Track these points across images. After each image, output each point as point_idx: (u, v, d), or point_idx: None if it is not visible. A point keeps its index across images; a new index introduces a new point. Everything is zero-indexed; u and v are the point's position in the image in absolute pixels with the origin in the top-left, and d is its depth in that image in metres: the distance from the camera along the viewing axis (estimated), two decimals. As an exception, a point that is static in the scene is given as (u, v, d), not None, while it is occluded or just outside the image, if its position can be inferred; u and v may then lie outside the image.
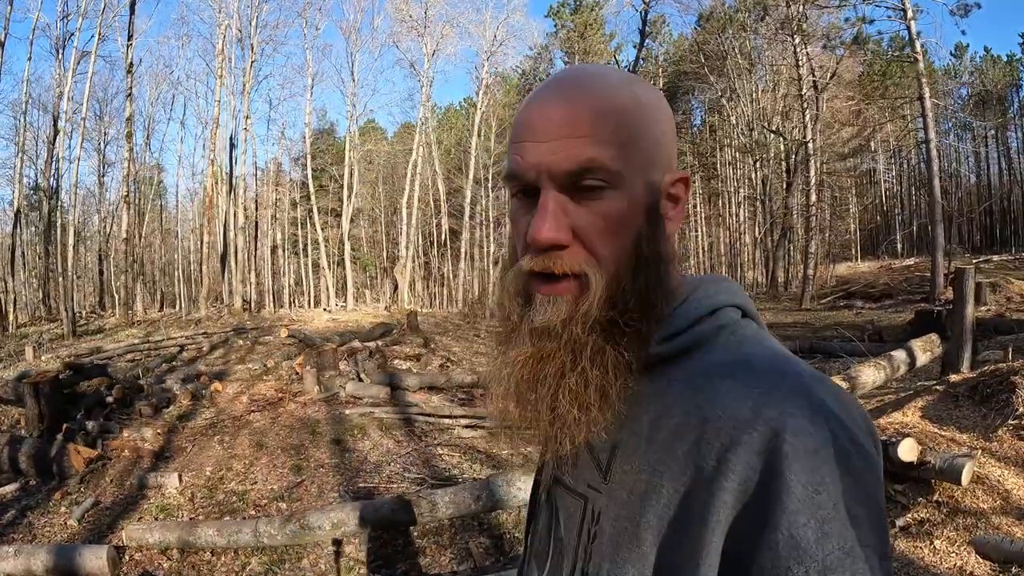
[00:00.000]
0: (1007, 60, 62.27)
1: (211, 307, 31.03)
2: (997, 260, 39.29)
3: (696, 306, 0.92)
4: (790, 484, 0.70)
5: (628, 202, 0.88)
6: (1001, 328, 13.16)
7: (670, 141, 0.94)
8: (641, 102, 0.91)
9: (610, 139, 0.86)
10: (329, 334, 18.78)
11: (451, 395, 10.98)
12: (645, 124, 0.90)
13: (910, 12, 24.18)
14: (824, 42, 30.57)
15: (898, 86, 40.06)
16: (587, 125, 0.86)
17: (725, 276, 1.00)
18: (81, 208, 50.07)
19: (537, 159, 0.88)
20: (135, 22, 30.47)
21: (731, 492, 0.74)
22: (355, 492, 6.83)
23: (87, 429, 8.63)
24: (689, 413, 0.81)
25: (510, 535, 5.71)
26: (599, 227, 0.88)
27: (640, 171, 0.89)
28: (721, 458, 0.75)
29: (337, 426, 9.06)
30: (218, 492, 6.96)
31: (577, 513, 0.93)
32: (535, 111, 0.90)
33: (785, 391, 0.76)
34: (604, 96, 0.88)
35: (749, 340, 0.89)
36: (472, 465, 7.59)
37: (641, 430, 0.86)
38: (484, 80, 44.57)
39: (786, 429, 0.72)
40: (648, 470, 0.83)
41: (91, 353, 16.66)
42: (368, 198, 56.47)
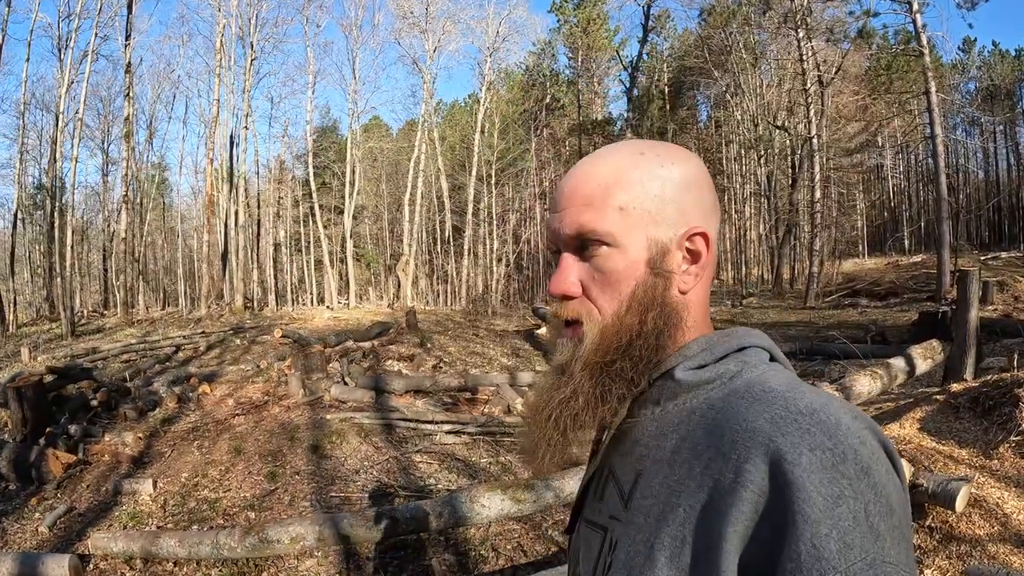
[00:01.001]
0: (1016, 55, 62.04)
1: (212, 306, 31.05)
2: (1006, 257, 39.13)
3: (724, 344, 0.97)
4: (811, 495, 0.71)
5: (625, 258, 0.98)
6: (1008, 330, 12.94)
7: (687, 201, 1.01)
8: (654, 168, 1.00)
9: (604, 206, 0.98)
10: (326, 333, 18.75)
11: (437, 399, 10.95)
12: (645, 186, 0.99)
13: (916, 5, 24.00)
14: (828, 36, 30.38)
15: (903, 80, 39.85)
16: (583, 195, 0.99)
17: (754, 329, 1.03)
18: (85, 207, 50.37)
19: (554, 227, 1.03)
20: (133, 22, 30.49)
21: (749, 503, 0.75)
22: (327, 502, 6.82)
23: (69, 433, 8.66)
24: (707, 433, 0.85)
25: (476, 552, 5.66)
26: (598, 280, 0.99)
27: (641, 230, 0.98)
28: (738, 470, 0.77)
29: (317, 431, 9.03)
30: (190, 500, 6.95)
31: (596, 545, 0.98)
32: (558, 185, 1.04)
33: (803, 407, 0.79)
34: (605, 166, 1.01)
35: (771, 371, 0.93)
36: (448, 475, 7.55)
37: (663, 456, 0.90)
38: (487, 76, 44.53)
39: (804, 443, 0.75)
40: (666, 492, 0.86)
41: (87, 353, 16.69)
42: (372, 195, 56.54)
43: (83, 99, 30.80)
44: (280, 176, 51.81)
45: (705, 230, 1.00)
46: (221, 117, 34.83)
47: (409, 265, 38.83)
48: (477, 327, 22.47)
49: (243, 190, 37.49)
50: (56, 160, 29.29)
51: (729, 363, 0.94)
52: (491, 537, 5.79)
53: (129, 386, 11.40)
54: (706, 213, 1.02)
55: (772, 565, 0.72)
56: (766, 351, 0.98)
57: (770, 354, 0.99)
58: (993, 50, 63.96)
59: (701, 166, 1.04)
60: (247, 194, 39.87)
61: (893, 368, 7.62)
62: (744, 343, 0.97)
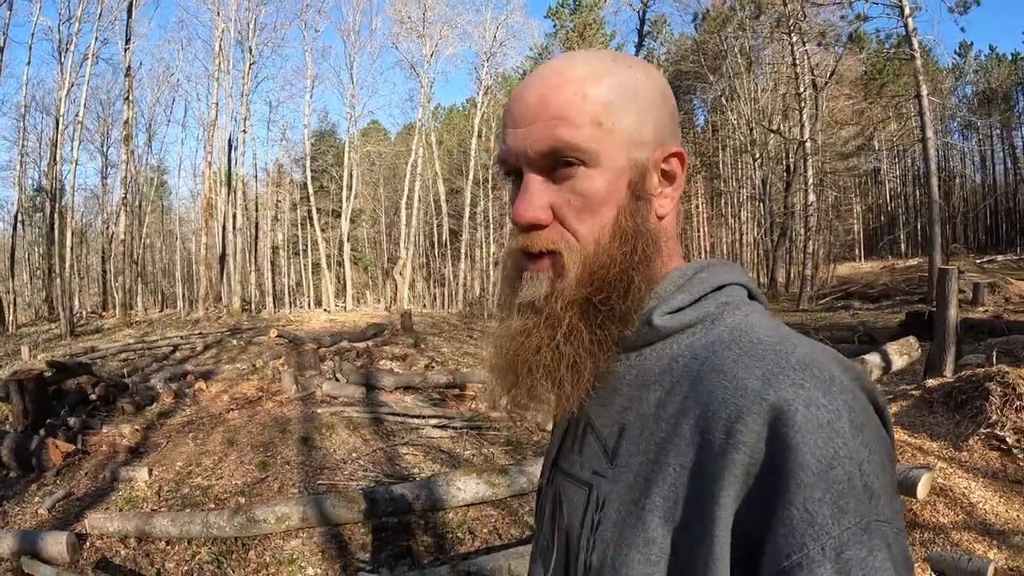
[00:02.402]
0: (1012, 59, 62.30)
1: (210, 308, 31.27)
2: (1001, 260, 39.41)
3: (701, 283, 0.92)
4: (804, 457, 0.69)
5: (605, 180, 0.91)
6: (995, 330, 13.26)
7: (662, 117, 0.95)
8: (625, 80, 0.93)
9: (582, 119, 0.89)
10: (322, 334, 19.02)
11: (425, 395, 11.21)
12: (627, 102, 0.92)
13: (907, 9, 24.25)
14: (820, 40, 30.61)
15: (896, 84, 40.13)
16: (557, 108, 0.90)
17: (730, 261, 1.01)
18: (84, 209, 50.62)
19: (515, 144, 0.93)
20: (133, 26, 30.77)
21: (741, 465, 0.73)
22: (315, 489, 7.07)
23: (68, 425, 8.93)
24: (694, 387, 0.82)
25: (453, 535, 5.89)
26: (575, 205, 0.91)
27: (621, 148, 0.91)
28: (729, 431, 0.74)
29: (307, 424, 9.30)
30: (184, 486, 7.22)
31: (581, 502, 0.93)
32: (515, 99, 0.94)
33: (795, 362, 0.76)
34: (578, 77, 0.91)
35: (754, 315, 0.90)
36: (432, 465, 7.79)
37: (648, 410, 0.86)
38: (484, 81, 44.81)
39: (798, 400, 0.72)
40: (655, 450, 0.82)
41: (86, 352, 16.95)
42: (369, 199, 56.76)
43: (83, 102, 31.07)
44: (278, 179, 52.09)
45: (680, 149, 0.96)
46: (220, 121, 35.17)
47: (406, 268, 39.06)
48: (472, 329, 22.72)
49: (241, 193, 37.68)
50: (56, 163, 29.56)
51: (709, 304, 0.91)
52: (468, 521, 6.05)
53: (127, 382, 11.66)
54: (676, 131, 0.98)
55: (764, 529, 0.71)
56: (744, 287, 0.95)
57: (748, 290, 0.96)
58: (990, 54, 64.29)
59: (665, 82, 0.99)
60: (245, 197, 40.09)
61: (868, 363, 7.79)
62: (722, 280, 0.94)
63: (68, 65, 29.76)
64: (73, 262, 30.60)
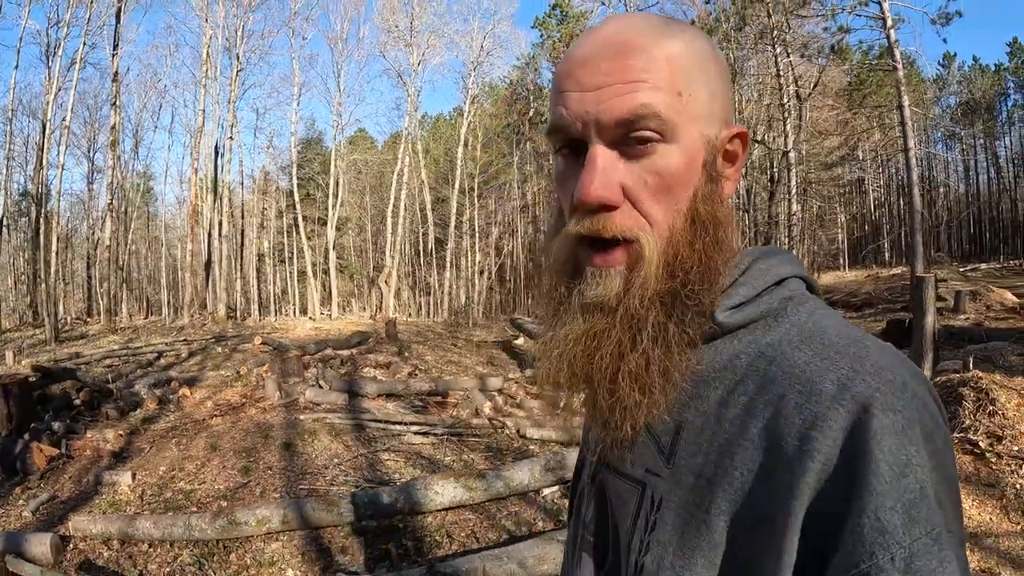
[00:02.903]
0: (995, 69, 62.92)
1: (195, 315, 31.25)
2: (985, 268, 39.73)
3: (761, 276, 0.88)
4: (878, 465, 0.67)
5: (684, 158, 0.83)
6: (975, 337, 13.38)
7: (726, 94, 0.89)
8: (696, 49, 0.85)
9: (664, 86, 0.81)
10: (307, 342, 19.06)
11: (408, 403, 11.30)
12: (701, 73, 0.85)
13: (889, 21, 24.47)
14: (803, 51, 30.83)
15: (879, 95, 40.47)
16: (638, 70, 0.81)
17: (784, 248, 0.94)
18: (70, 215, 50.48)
19: (583, 108, 0.82)
20: (121, 31, 30.82)
21: (814, 472, 0.70)
22: (296, 494, 7.15)
23: (53, 429, 8.98)
24: (762, 388, 0.79)
25: (431, 538, 5.99)
26: (652, 185, 0.83)
27: (696, 124, 0.84)
28: (804, 437, 0.72)
29: (290, 430, 9.38)
30: (167, 490, 7.31)
31: (632, 501, 0.88)
32: (580, 58, 0.84)
33: (869, 366, 0.73)
34: (656, 40, 0.83)
35: (819, 312, 0.85)
36: (413, 471, 7.88)
37: (709, 408, 0.82)
38: (471, 90, 44.98)
39: (874, 406, 0.70)
40: (718, 451, 0.79)
41: (70, 358, 16.94)
42: (355, 207, 56.78)
43: (70, 107, 31.04)
44: (264, 187, 52.05)
45: (744, 129, 0.90)
46: (206, 127, 35.28)
47: (392, 277, 39.09)
48: (456, 338, 22.75)
49: (227, 200, 37.65)
50: (42, 167, 29.54)
51: (771, 299, 0.86)
52: (446, 524, 6.17)
53: (111, 387, 11.70)
54: (730, 108, 0.91)
55: (833, 537, 0.69)
56: (803, 280, 0.91)
57: (806, 283, 0.91)
58: (973, 65, 64.87)
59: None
60: (231, 204, 40.05)
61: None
62: (782, 273, 0.89)
63: (56, 69, 29.75)
64: (58, 267, 30.51)
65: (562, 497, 6.87)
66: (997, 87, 62.38)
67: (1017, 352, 8.82)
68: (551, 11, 49.92)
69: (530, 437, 9.07)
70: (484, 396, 11.25)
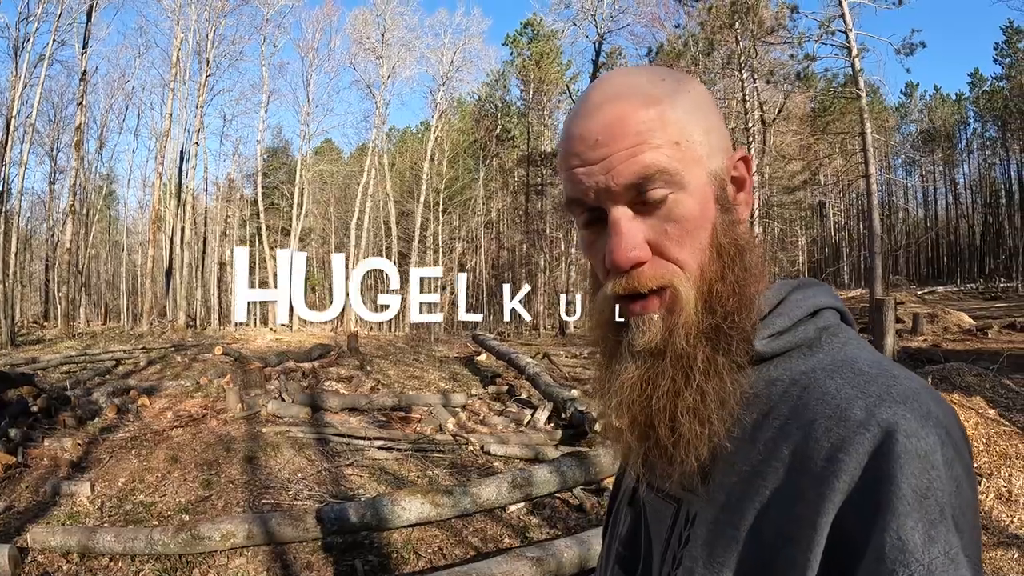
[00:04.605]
0: (956, 99, 64.25)
1: (154, 322, 30.90)
2: (942, 291, 40.51)
3: (796, 307, 0.91)
4: (901, 487, 0.70)
5: (696, 200, 0.87)
6: (933, 358, 13.68)
7: (720, 124, 0.93)
8: (684, 94, 0.89)
9: (662, 142, 0.85)
10: (268, 353, 18.95)
11: (371, 417, 11.26)
12: (692, 115, 0.88)
13: (854, 50, 24.95)
14: (769, 77, 31.23)
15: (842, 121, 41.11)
16: (636, 133, 0.85)
17: (819, 280, 0.99)
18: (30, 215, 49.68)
19: (593, 181, 0.87)
20: (92, 29, 30.56)
21: (840, 493, 0.73)
22: (259, 508, 7.09)
23: (9, 436, 8.80)
24: (795, 413, 0.81)
25: (398, 554, 5.96)
26: (674, 234, 0.87)
27: (700, 165, 0.88)
28: (831, 458, 0.74)
29: (252, 443, 9.30)
30: (127, 503, 7.20)
31: (668, 517, 0.92)
32: (578, 135, 0.88)
33: (896, 395, 0.76)
34: (645, 100, 0.87)
35: (852, 343, 0.89)
36: (377, 486, 7.85)
37: (744, 432, 0.85)
38: (440, 105, 45.06)
39: (899, 431, 0.72)
40: (750, 472, 0.82)
41: (27, 363, 16.72)
42: (319, 218, 56.53)
43: (36, 104, 30.69)
44: (228, 194, 51.60)
45: (745, 152, 0.94)
46: (173, 131, 35.01)
47: (354, 289, 38.87)
48: (419, 353, 22.74)
49: (191, 207, 37.37)
50: (4, 164, 29.11)
51: (808, 329, 0.89)
52: (413, 541, 6.13)
53: (69, 395, 11.52)
54: (727, 136, 0.94)
55: (856, 554, 0.71)
56: (838, 311, 0.94)
57: (841, 314, 0.94)
58: (935, 94, 66.20)
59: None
60: (194, 211, 39.76)
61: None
62: (818, 304, 0.92)
63: (24, 65, 29.39)
64: (16, 269, 30.07)
65: (527, 514, 6.89)
66: (957, 116, 63.79)
67: (974, 372, 9.03)
68: (522, 29, 50.31)
69: (494, 454, 9.07)
70: (448, 412, 11.25)
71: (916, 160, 63.62)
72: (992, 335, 19.36)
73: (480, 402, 12.59)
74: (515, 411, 11.87)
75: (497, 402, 12.99)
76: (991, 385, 9.49)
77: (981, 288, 45.29)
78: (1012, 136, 57.15)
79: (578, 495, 7.17)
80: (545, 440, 9.83)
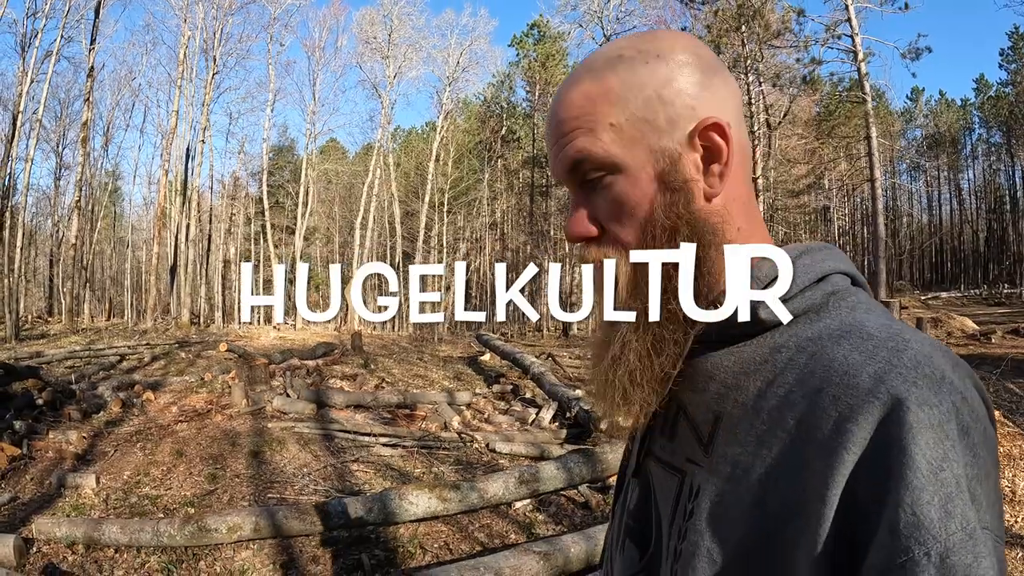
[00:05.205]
0: (961, 104, 64.15)
1: (158, 319, 30.92)
2: (945, 296, 40.55)
3: (803, 272, 0.87)
4: (914, 458, 0.67)
5: (632, 180, 0.87)
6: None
7: (683, 91, 0.88)
8: (638, 64, 0.88)
9: (595, 126, 0.87)
10: (271, 351, 18.91)
11: (376, 414, 11.23)
12: (632, 90, 0.87)
13: (861, 54, 24.96)
14: (775, 81, 31.20)
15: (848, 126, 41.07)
16: (569, 122, 0.89)
17: (831, 244, 0.96)
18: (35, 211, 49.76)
19: (552, 166, 0.94)
20: (100, 26, 30.61)
21: (849, 465, 0.70)
22: (265, 503, 7.06)
23: (14, 428, 8.82)
24: (800, 381, 0.78)
25: (404, 549, 5.93)
26: (614, 212, 0.89)
27: (641, 143, 0.87)
28: (839, 429, 0.71)
29: (258, 439, 9.30)
30: (132, 495, 7.19)
31: (672, 489, 0.91)
32: (547, 118, 0.95)
33: (907, 360, 0.73)
34: (579, 85, 0.90)
35: (861, 306, 0.85)
36: (383, 482, 7.81)
37: (747, 400, 0.83)
38: (445, 105, 45.07)
39: (910, 400, 0.69)
40: (755, 442, 0.80)
41: (31, 357, 16.71)
42: (324, 217, 56.59)
43: (43, 100, 30.68)
44: (234, 192, 51.66)
45: (717, 119, 0.87)
46: (179, 129, 35.06)
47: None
48: (422, 352, 22.71)
49: (196, 204, 37.45)
50: (10, 159, 29.13)
51: (815, 294, 0.86)
52: (419, 536, 6.10)
53: (74, 388, 11.52)
54: (718, 97, 0.90)
55: (868, 530, 0.69)
56: (848, 275, 0.91)
57: (851, 278, 0.91)
58: (940, 99, 66.10)
59: (696, 45, 0.92)
60: (199, 208, 39.86)
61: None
62: (826, 269, 0.89)
63: (31, 61, 29.40)
64: (21, 264, 30.10)
65: (533, 511, 6.86)
66: (963, 121, 63.69)
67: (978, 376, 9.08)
68: (529, 31, 50.28)
69: (500, 451, 9.03)
70: (453, 410, 11.22)
71: (920, 165, 63.60)
72: (996, 340, 19.26)
73: (485, 401, 12.56)
74: (520, 410, 11.83)
75: (502, 401, 12.94)
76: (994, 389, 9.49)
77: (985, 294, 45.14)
78: (1017, 142, 56.97)
79: (584, 492, 7.14)
80: (550, 438, 9.80)
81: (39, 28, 29.57)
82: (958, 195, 66.96)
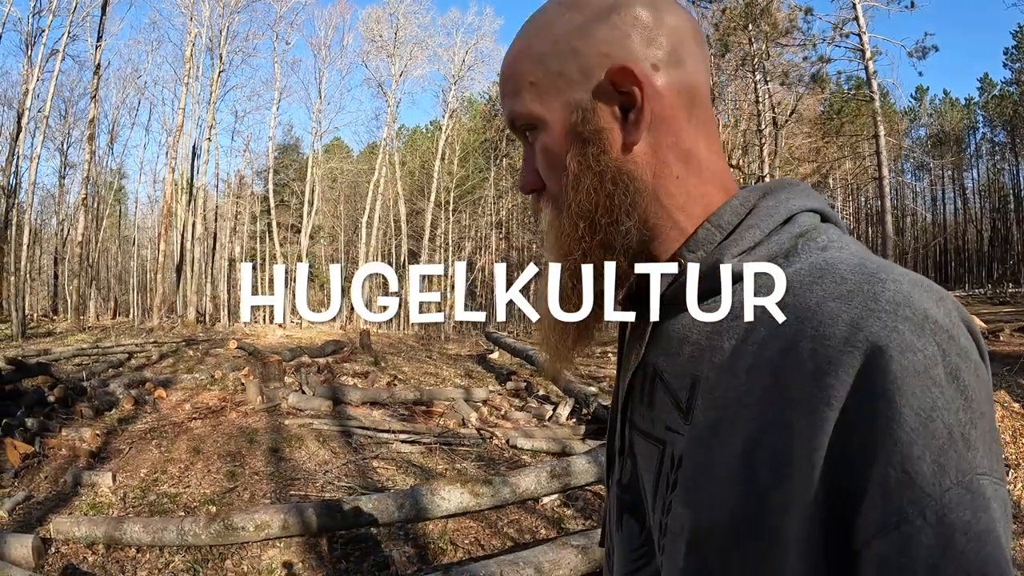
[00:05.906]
0: (965, 103, 64.12)
1: (165, 318, 30.83)
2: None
3: (767, 215, 0.84)
4: (901, 411, 0.62)
5: (551, 133, 0.88)
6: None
7: (594, 38, 0.85)
8: (546, 26, 0.89)
9: (520, 86, 0.89)
10: (280, 349, 18.82)
11: (393, 411, 11.12)
12: (546, 48, 0.87)
13: (868, 53, 24.92)
14: (783, 80, 31.15)
15: (854, 124, 41.02)
16: (504, 84, 0.93)
17: (794, 180, 0.91)
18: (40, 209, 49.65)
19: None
20: (106, 24, 30.53)
21: (830, 421, 0.65)
22: (287, 499, 6.95)
23: (26, 426, 8.68)
24: (774, 335, 0.73)
25: (435, 545, 5.83)
26: (545, 164, 0.91)
27: (557, 97, 0.87)
28: (818, 384, 0.66)
29: (275, 436, 9.18)
30: (150, 493, 7.06)
31: (654, 460, 0.86)
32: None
33: (885, 303, 0.68)
34: (514, 45, 0.92)
35: (834, 245, 0.81)
36: (406, 478, 7.72)
37: (723, 360, 0.78)
38: (451, 104, 45.00)
39: (891, 347, 0.64)
40: (733, 404, 0.74)
41: (39, 355, 16.56)
42: (329, 215, 56.55)
43: (49, 98, 30.63)
44: (239, 191, 51.60)
45: (626, 63, 0.83)
46: (185, 127, 34.91)
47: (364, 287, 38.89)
48: (430, 350, 22.65)
49: (202, 202, 37.37)
50: (15, 157, 29.04)
51: (782, 238, 0.82)
52: (449, 532, 5.99)
53: (85, 385, 11.40)
54: (646, 38, 0.85)
55: (858, 491, 0.64)
56: (816, 212, 0.87)
57: (821, 214, 0.87)
58: (944, 98, 66.05)
59: None
60: (205, 207, 39.74)
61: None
62: (793, 208, 0.85)
63: (37, 59, 29.33)
64: (27, 262, 30.03)
65: (561, 506, 6.76)
66: (967, 120, 63.60)
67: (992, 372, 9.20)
68: (533, 29, 50.14)
69: (520, 447, 8.96)
70: (470, 406, 11.13)
71: (925, 164, 63.55)
72: (1004, 337, 19.24)
73: (500, 397, 12.48)
74: (536, 406, 11.76)
75: (516, 398, 12.87)
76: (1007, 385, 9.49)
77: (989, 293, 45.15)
78: (1021, 141, 56.95)
79: (612, 487, 7.02)
80: (570, 434, 9.73)
81: (45, 26, 29.54)
82: (962, 194, 66.91)
